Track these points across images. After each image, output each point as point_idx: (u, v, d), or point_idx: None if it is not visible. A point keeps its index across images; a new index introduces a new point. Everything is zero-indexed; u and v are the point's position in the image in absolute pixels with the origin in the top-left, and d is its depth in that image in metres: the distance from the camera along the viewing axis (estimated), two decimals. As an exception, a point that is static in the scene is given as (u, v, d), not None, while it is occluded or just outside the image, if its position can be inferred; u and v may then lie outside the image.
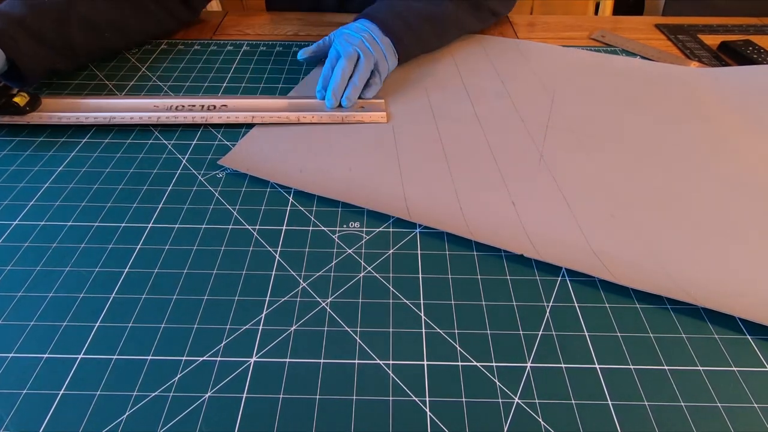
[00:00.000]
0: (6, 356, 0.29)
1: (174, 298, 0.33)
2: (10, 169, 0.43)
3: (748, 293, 0.32)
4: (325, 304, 0.32)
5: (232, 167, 0.43)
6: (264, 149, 0.45)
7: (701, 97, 0.52)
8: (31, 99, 0.48)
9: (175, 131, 0.48)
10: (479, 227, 0.37)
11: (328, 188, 0.40)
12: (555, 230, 0.37)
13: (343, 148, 0.45)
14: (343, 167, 0.43)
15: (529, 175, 0.42)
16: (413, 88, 0.54)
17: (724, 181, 0.41)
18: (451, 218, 0.38)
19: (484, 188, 0.41)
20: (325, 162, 0.43)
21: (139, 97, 0.49)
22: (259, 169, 0.42)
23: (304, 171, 0.42)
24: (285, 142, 0.46)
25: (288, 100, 0.51)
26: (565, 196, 0.40)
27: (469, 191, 0.40)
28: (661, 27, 0.68)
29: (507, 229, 0.37)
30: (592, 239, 0.36)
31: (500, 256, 0.36)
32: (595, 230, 0.37)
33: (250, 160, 0.43)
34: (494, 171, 0.42)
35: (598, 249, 0.35)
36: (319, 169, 0.43)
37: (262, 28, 0.69)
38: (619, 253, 0.35)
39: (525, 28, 0.69)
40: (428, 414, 0.27)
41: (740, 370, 0.29)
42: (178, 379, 0.28)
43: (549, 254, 0.35)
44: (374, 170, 0.42)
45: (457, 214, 0.38)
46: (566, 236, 0.36)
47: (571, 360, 0.29)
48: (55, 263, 0.35)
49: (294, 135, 0.47)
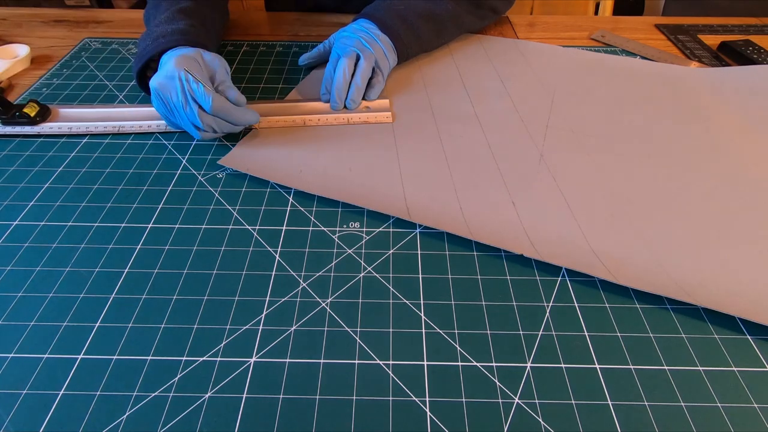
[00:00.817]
0: (6, 356, 0.29)
1: (174, 298, 0.33)
2: (11, 169, 0.43)
3: (748, 293, 0.32)
4: (325, 304, 0.32)
5: (232, 167, 0.43)
6: (264, 149, 0.45)
7: (700, 97, 0.52)
8: (41, 109, 0.48)
9: (175, 131, 0.48)
10: (479, 227, 0.37)
11: (328, 188, 0.40)
12: (555, 230, 0.37)
13: (343, 147, 0.45)
14: (343, 167, 0.43)
15: (529, 175, 0.42)
16: (413, 89, 0.54)
17: (723, 181, 0.41)
18: (451, 218, 0.38)
19: (484, 188, 0.41)
20: (325, 162, 0.43)
21: (147, 106, 0.49)
22: (259, 169, 0.42)
23: (304, 171, 0.42)
24: (285, 142, 0.46)
25: (291, 102, 0.51)
26: (565, 195, 0.40)
27: (469, 191, 0.40)
28: (661, 27, 0.68)
29: (507, 229, 0.37)
30: (591, 239, 0.36)
31: (500, 256, 0.36)
32: (595, 230, 0.37)
33: (250, 161, 0.43)
34: (494, 171, 0.42)
35: (598, 248, 0.35)
36: (319, 169, 0.43)
37: (262, 28, 0.69)
38: (618, 253, 0.35)
39: (525, 28, 0.69)
40: (428, 414, 0.27)
41: (740, 370, 0.29)
42: (178, 379, 0.28)
43: (549, 254, 0.35)
44: (374, 170, 0.42)
45: (457, 214, 0.38)
46: (566, 236, 0.36)
47: (571, 360, 0.29)
48: (55, 263, 0.35)
49: (294, 135, 0.47)
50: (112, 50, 0.62)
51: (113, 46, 0.64)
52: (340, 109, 0.49)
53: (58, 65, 0.59)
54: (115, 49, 0.63)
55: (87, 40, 0.65)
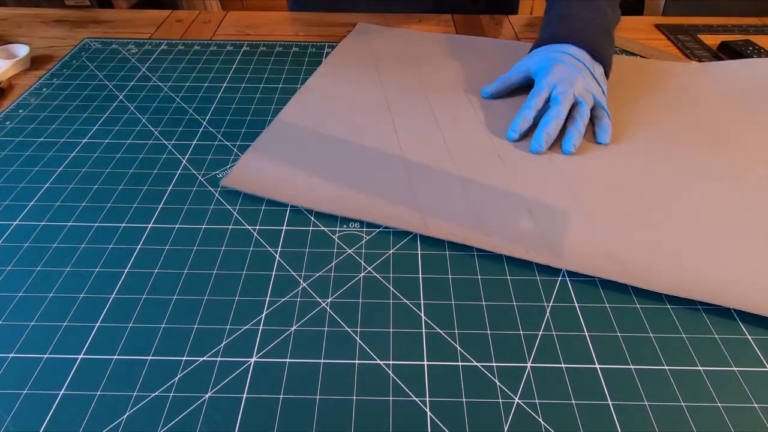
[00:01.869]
0: (6, 356, 0.29)
1: (174, 298, 0.33)
2: (11, 169, 0.43)
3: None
4: (325, 304, 0.32)
5: (236, 188, 0.40)
6: (268, 165, 0.42)
7: (699, 91, 0.52)
8: None
9: (175, 131, 0.48)
10: (504, 240, 0.36)
11: (346, 207, 0.38)
12: (576, 236, 0.36)
13: (355, 162, 0.43)
14: (356, 184, 0.41)
15: (540, 178, 0.41)
16: (412, 93, 0.53)
17: (733, 177, 0.41)
18: (470, 230, 0.36)
19: (499, 197, 0.39)
20: (337, 178, 0.41)
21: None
22: (266, 189, 0.40)
23: (314, 188, 0.40)
24: (291, 156, 0.43)
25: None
26: (579, 199, 0.39)
27: (486, 203, 0.39)
28: (661, 27, 0.68)
29: (529, 239, 0.36)
30: (616, 245, 0.35)
31: (500, 256, 0.36)
32: (616, 235, 0.36)
33: (255, 180, 0.41)
34: (505, 180, 0.41)
35: (623, 255, 0.35)
36: (331, 186, 0.40)
37: (262, 28, 0.69)
38: (642, 258, 0.34)
39: (525, 28, 0.69)
40: (428, 414, 0.27)
41: (740, 370, 0.29)
42: (178, 379, 0.28)
43: (577, 264, 0.34)
44: (386, 185, 0.41)
45: (474, 226, 0.37)
46: (587, 242, 0.36)
47: (571, 360, 0.29)
48: (55, 263, 0.35)
49: (300, 148, 0.44)
50: (112, 50, 0.63)
51: (113, 46, 0.64)
52: (543, 150, 0.43)
53: (58, 65, 0.59)
54: (115, 49, 0.63)
55: (87, 40, 0.65)
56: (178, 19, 0.72)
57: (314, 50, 0.63)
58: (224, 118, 0.50)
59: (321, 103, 0.51)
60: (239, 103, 0.52)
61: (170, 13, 0.74)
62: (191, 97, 0.53)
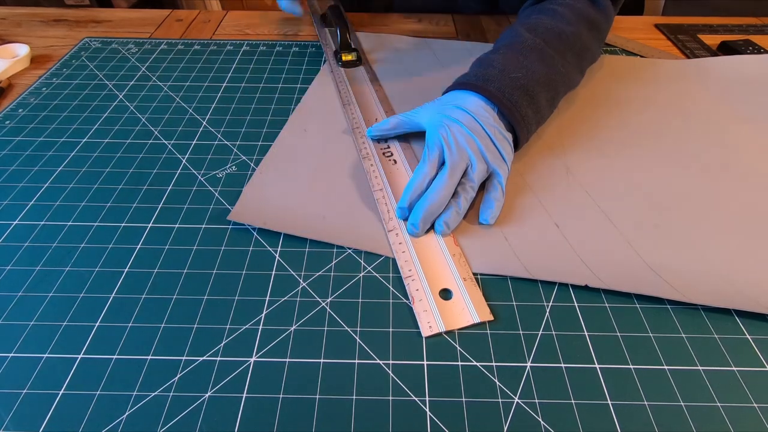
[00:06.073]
0: (6, 356, 0.29)
1: (174, 298, 0.33)
2: (11, 169, 0.43)
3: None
4: (325, 304, 0.32)
5: (244, 223, 0.37)
6: (275, 195, 0.40)
7: (698, 90, 0.52)
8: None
9: (174, 131, 0.48)
10: (531, 260, 0.34)
11: (359, 241, 0.36)
12: (606, 250, 0.35)
13: (367, 187, 0.41)
14: (370, 212, 0.38)
15: (561, 191, 0.40)
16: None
17: (741, 177, 0.41)
18: (501, 256, 0.35)
19: (526, 217, 0.38)
20: (350, 206, 0.39)
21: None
22: (275, 222, 0.37)
23: (327, 217, 0.38)
24: (297, 185, 0.41)
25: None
26: (605, 210, 0.38)
27: (514, 223, 0.37)
28: (661, 27, 0.68)
29: (561, 259, 0.35)
30: (646, 255, 0.34)
31: (500, 256, 0.36)
32: (646, 245, 0.35)
33: (263, 212, 0.38)
34: (530, 196, 0.40)
35: (655, 264, 0.34)
36: (344, 215, 0.38)
37: (262, 28, 0.69)
38: (676, 266, 0.34)
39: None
40: (428, 414, 0.27)
41: (740, 370, 0.29)
42: (178, 379, 0.28)
43: (614, 282, 0.33)
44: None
45: (506, 250, 0.35)
46: (619, 255, 0.35)
47: (571, 360, 0.29)
48: (55, 263, 0.35)
49: (307, 174, 0.42)
50: (112, 50, 0.63)
51: (113, 45, 0.64)
52: (420, 235, 0.36)
53: (58, 65, 0.59)
54: (115, 48, 0.63)
55: (87, 40, 0.65)
56: (178, 18, 0.72)
57: (314, 50, 0.63)
58: (224, 118, 0.50)
59: (315, 125, 0.48)
60: (239, 103, 0.52)
61: (170, 12, 0.74)
62: (191, 97, 0.53)
